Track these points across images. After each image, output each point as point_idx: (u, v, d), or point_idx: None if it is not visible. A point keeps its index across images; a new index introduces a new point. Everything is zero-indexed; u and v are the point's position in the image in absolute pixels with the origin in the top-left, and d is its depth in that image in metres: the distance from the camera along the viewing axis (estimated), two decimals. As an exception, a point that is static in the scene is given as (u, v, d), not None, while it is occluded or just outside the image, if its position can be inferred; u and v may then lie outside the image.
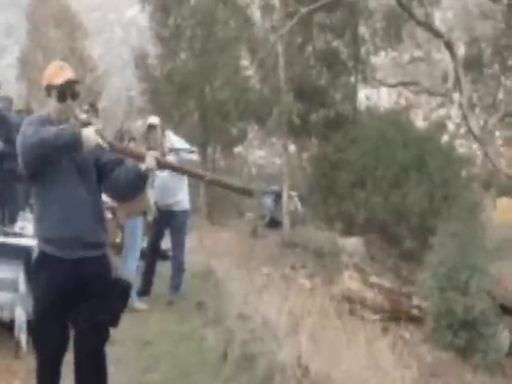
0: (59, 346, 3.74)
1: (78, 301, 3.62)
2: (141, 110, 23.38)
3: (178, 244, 8.23)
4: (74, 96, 3.63)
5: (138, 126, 8.66)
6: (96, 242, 3.70)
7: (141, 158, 3.55)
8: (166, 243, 8.86)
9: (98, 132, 3.43)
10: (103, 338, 3.76)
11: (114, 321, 3.80)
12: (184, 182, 8.22)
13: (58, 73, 3.61)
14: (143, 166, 3.54)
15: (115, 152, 3.59)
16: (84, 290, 3.61)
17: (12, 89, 26.84)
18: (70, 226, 3.57)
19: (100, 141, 3.41)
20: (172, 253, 8.41)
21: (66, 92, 3.59)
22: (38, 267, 3.72)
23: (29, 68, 29.08)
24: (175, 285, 8.16)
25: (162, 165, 3.63)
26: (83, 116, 3.75)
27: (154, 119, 8.24)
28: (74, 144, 3.37)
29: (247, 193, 3.62)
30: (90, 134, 3.40)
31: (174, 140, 8.28)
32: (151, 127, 8.01)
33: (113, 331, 3.83)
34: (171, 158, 7.39)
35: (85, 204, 3.60)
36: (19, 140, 3.51)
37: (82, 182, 3.63)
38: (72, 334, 3.77)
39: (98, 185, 3.76)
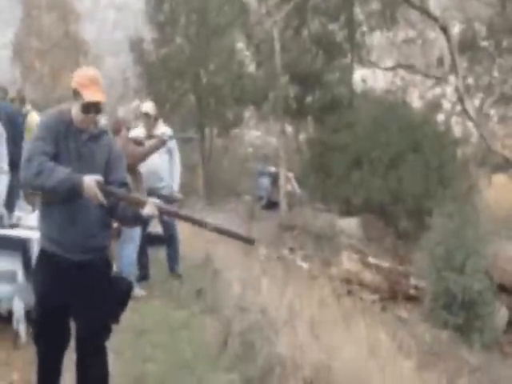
0: (60, 344, 3.78)
1: (80, 299, 3.65)
2: (136, 91, 23.34)
3: (172, 225, 8.28)
4: (98, 111, 3.63)
5: (133, 107, 8.64)
6: (99, 246, 3.74)
7: (141, 205, 3.57)
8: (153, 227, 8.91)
9: (99, 184, 3.47)
10: (104, 335, 3.81)
11: (115, 319, 3.84)
12: (174, 167, 8.29)
13: (89, 87, 3.56)
14: (143, 212, 3.57)
15: (116, 199, 3.61)
16: (85, 289, 3.64)
17: (6, 72, 26.80)
18: (75, 231, 3.59)
19: (99, 194, 3.46)
20: (165, 233, 8.44)
21: (90, 108, 3.59)
22: (40, 265, 3.75)
23: (23, 52, 28.95)
24: (176, 262, 8.33)
25: (162, 212, 3.67)
26: (103, 123, 3.79)
27: (149, 107, 8.23)
28: (74, 194, 3.45)
29: (249, 242, 3.67)
30: (90, 187, 3.44)
31: (164, 129, 8.25)
32: (145, 115, 8.04)
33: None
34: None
35: (91, 210, 3.62)
36: (24, 164, 3.51)
37: None
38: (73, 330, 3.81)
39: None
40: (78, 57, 28.76)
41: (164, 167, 8.11)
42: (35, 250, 5.64)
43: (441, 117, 22.36)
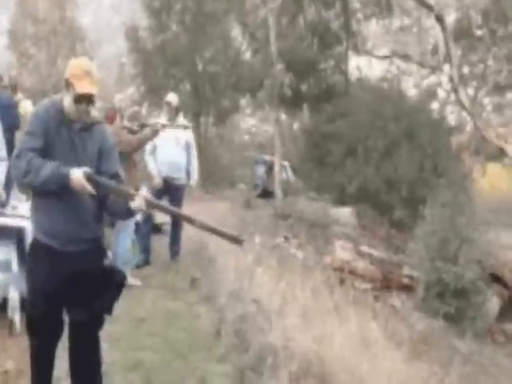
0: (54, 334, 3.81)
1: (73, 290, 3.68)
2: (133, 78, 23.29)
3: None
4: (90, 103, 3.64)
5: (129, 94, 8.72)
6: (94, 238, 3.77)
7: (131, 197, 3.59)
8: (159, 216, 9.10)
9: (86, 174, 3.50)
10: (97, 325, 3.85)
11: (108, 309, 3.87)
12: (193, 159, 8.60)
13: (82, 79, 3.57)
14: (132, 205, 3.60)
15: (105, 190, 3.63)
16: (79, 280, 3.67)
17: (2, 59, 26.68)
18: (69, 223, 3.62)
19: (87, 186, 3.49)
20: (171, 221, 8.60)
21: (82, 99, 3.61)
22: (34, 256, 3.77)
23: (19, 38, 28.79)
24: (176, 250, 8.56)
25: (151, 206, 3.70)
26: (95, 113, 3.81)
27: (172, 97, 8.55)
28: (63, 187, 3.49)
29: (237, 241, 3.65)
30: (78, 179, 3.48)
31: (181, 120, 8.56)
32: (167, 104, 8.34)
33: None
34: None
35: (85, 204, 3.65)
36: (13, 161, 3.54)
37: None
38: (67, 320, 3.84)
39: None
40: (74, 43, 28.60)
41: (182, 159, 8.50)
42: (30, 239, 5.70)
43: (436, 105, 22.43)
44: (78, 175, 3.48)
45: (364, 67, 21.97)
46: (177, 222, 8.48)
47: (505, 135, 16.57)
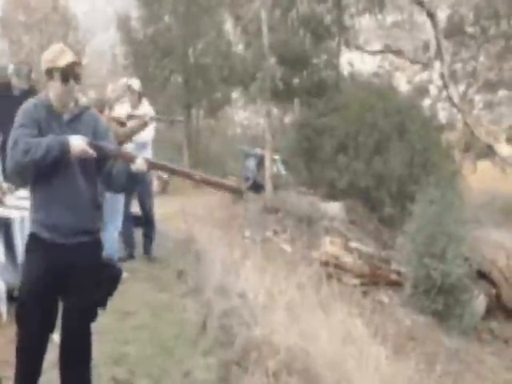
0: (45, 326, 3.79)
1: (69, 283, 3.69)
2: (126, 67, 23.20)
3: (148, 204, 8.39)
4: (77, 78, 3.65)
5: (121, 84, 8.60)
6: (92, 229, 3.77)
7: (131, 159, 3.61)
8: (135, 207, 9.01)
9: (85, 139, 3.51)
10: (90, 318, 3.86)
11: (103, 303, 3.89)
12: (147, 148, 8.35)
13: (60, 56, 3.60)
14: (133, 167, 3.61)
15: (105, 154, 3.64)
16: (75, 274, 3.68)
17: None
18: (69, 214, 3.62)
19: (87, 149, 3.50)
20: (142, 213, 8.53)
21: (69, 74, 3.60)
22: (30, 250, 3.75)
23: (10, 27, 28.63)
24: (150, 244, 8.43)
25: (152, 166, 3.71)
26: (84, 100, 3.81)
27: (134, 82, 8.31)
28: (64, 153, 3.49)
29: (237, 191, 3.68)
30: (78, 143, 3.49)
31: (148, 109, 8.27)
32: (129, 89, 8.13)
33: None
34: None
35: (84, 193, 3.66)
36: (10, 152, 3.52)
37: (81, 172, 3.67)
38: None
39: (96, 174, 3.80)
40: (67, 31, 28.47)
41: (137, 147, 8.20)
42: (17, 229, 5.68)
43: (427, 102, 22.45)
44: (77, 139, 3.51)
45: (357, 62, 21.97)
46: (148, 217, 8.44)
47: (494, 132, 16.64)
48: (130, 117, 7.53)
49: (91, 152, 3.53)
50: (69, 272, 3.67)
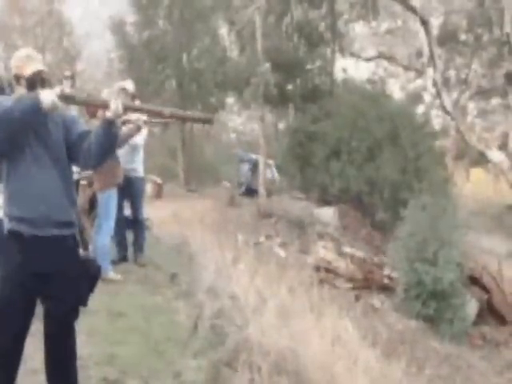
0: (21, 327, 3.76)
1: (46, 281, 3.67)
2: (121, 72, 23.25)
3: (138, 208, 8.42)
4: (44, 83, 3.66)
5: (116, 88, 8.56)
6: (67, 221, 3.74)
7: (105, 105, 3.56)
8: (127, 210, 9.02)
9: (57, 92, 3.48)
10: (72, 316, 3.84)
11: (83, 300, 3.87)
12: (138, 151, 8.38)
13: (26, 64, 3.62)
14: (108, 114, 3.57)
15: (78, 104, 3.63)
16: (52, 271, 3.67)
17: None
18: (42, 205, 3.60)
19: (57, 101, 3.46)
20: (132, 216, 8.54)
21: (35, 82, 3.62)
22: (9, 246, 3.74)
23: (6, 31, 28.70)
24: (140, 245, 8.42)
25: (127, 108, 3.65)
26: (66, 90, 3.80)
27: (128, 84, 8.32)
28: (33, 106, 3.42)
29: (207, 121, 3.61)
30: (47, 95, 3.46)
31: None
32: (123, 91, 8.12)
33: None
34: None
35: (56, 184, 3.64)
36: None
37: (53, 163, 3.66)
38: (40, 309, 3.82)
39: (69, 165, 3.80)
40: (62, 36, 28.54)
41: (127, 149, 8.22)
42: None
43: (421, 109, 22.57)
44: (46, 92, 3.45)
45: (351, 69, 22.08)
46: (136, 222, 8.47)
47: (487, 140, 16.73)
48: (125, 121, 7.52)
49: (59, 105, 3.49)
50: (45, 269, 3.65)
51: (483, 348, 10.66)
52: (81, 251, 3.91)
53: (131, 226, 8.64)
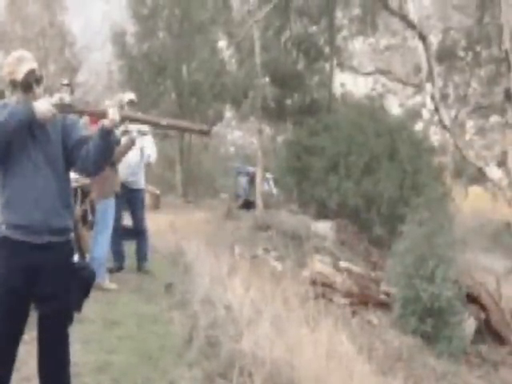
0: (17, 326, 3.73)
1: (43, 284, 3.64)
2: (121, 84, 23.34)
3: (140, 218, 8.46)
4: (39, 81, 3.65)
5: (117, 99, 8.57)
6: (62, 228, 3.72)
7: (103, 114, 3.55)
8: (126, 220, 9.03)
9: (55, 100, 3.47)
10: (66, 322, 3.80)
11: (77, 307, 3.83)
12: (142, 162, 8.43)
13: (18, 66, 3.60)
14: (106, 122, 3.56)
15: (76, 113, 3.62)
16: (49, 274, 3.64)
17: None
18: (37, 212, 3.58)
19: (52, 109, 3.45)
20: (134, 227, 8.56)
21: (29, 83, 3.61)
22: (2, 252, 3.71)
23: (7, 40, 28.78)
24: (144, 259, 8.47)
25: (125, 117, 3.64)
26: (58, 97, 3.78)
27: (133, 96, 8.40)
28: (28, 118, 3.44)
29: (205, 133, 3.60)
30: (42, 105, 3.46)
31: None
32: (131, 103, 8.19)
33: (82, 310, 3.89)
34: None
35: (52, 191, 3.62)
36: None
37: (50, 170, 3.64)
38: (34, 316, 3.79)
39: (66, 172, 3.78)
40: (63, 46, 28.64)
41: (134, 161, 8.31)
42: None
43: (420, 125, 22.63)
44: (41, 101, 3.48)
45: (349, 84, 22.14)
46: (139, 232, 8.49)
47: (485, 157, 16.77)
48: (124, 132, 7.51)
49: (54, 112, 3.48)
50: (38, 274, 3.62)
51: (481, 367, 10.57)
52: (77, 259, 3.89)
53: (134, 237, 8.66)
